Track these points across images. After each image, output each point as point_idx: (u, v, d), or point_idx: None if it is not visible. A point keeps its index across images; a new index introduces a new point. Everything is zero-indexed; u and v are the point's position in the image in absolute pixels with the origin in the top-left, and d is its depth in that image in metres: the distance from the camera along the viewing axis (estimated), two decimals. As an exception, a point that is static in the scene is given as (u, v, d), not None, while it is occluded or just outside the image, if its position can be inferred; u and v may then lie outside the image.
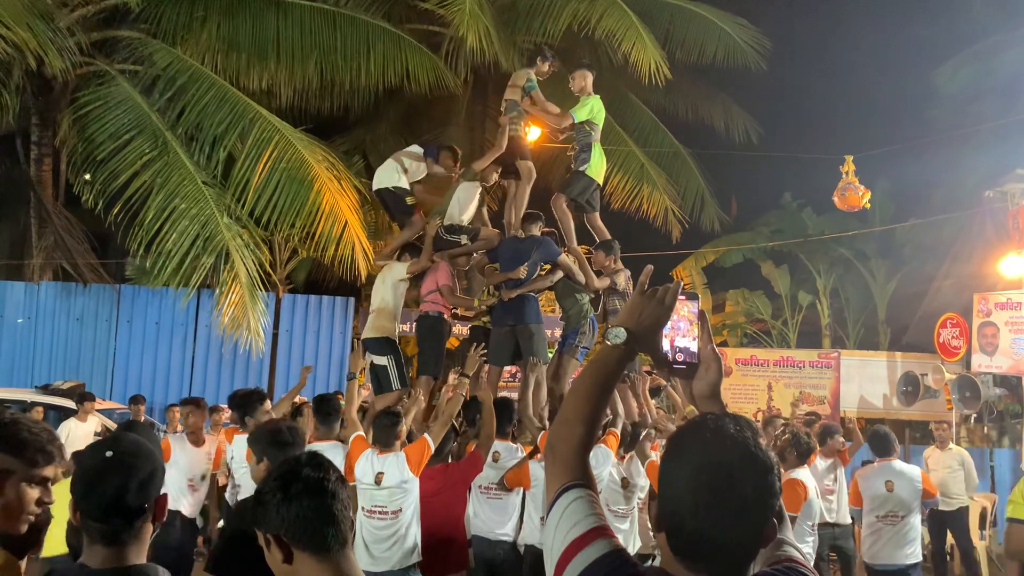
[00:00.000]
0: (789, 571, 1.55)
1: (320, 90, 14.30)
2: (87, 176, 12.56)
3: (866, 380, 14.69)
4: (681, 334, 1.77)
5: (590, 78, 7.91)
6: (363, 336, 7.29)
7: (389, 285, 7.27)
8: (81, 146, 12.44)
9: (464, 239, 7.49)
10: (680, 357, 1.77)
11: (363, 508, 5.15)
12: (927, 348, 14.44)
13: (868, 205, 13.64)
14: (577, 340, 7.43)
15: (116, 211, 11.56)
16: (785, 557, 1.59)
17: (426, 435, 5.37)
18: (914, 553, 6.62)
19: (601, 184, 8.11)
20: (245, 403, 5.68)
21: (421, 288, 7.49)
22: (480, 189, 7.79)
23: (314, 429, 5.94)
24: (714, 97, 17.70)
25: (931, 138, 16.16)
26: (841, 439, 7.82)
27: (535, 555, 5.88)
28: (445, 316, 7.32)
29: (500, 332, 7.22)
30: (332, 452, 5.42)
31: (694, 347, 1.78)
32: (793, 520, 5.72)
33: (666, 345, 1.77)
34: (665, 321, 1.74)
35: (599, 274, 7.48)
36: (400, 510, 5.13)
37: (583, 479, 1.64)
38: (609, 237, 7.84)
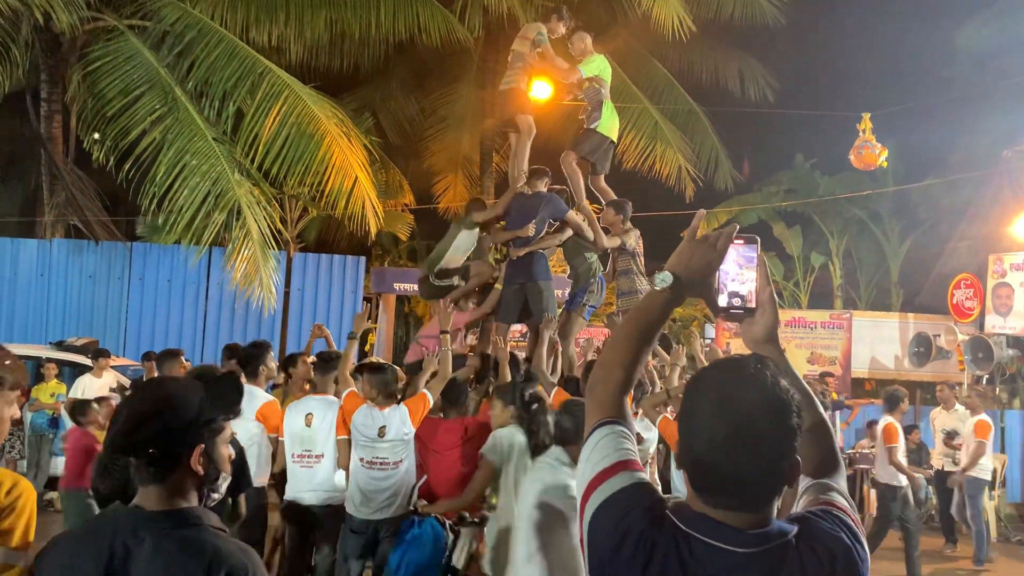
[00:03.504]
0: (825, 514, 1.54)
1: (329, 46, 14.14)
2: (95, 135, 12.52)
3: (878, 341, 14.66)
4: (737, 279, 1.75)
5: (588, 39, 7.84)
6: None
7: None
8: (91, 102, 12.38)
9: (456, 280, 7.45)
10: (736, 302, 1.75)
11: (362, 460, 5.27)
12: (940, 309, 14.38)
13: (885, 164, 13.47)
14: (585, 299, 7.40)
15: (127, 168, 11.53)
16: (825, 500, 1.58)
17: (425, 390, 5.48)
18: None
19: (615, 142, 8.02)
20: (256, 353, 5.72)
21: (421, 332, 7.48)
22: (478, 235, 7.69)
23: (312, 384, 6.02)
24: (730, 54, 17.41)
25: (949, 97, 15.92)
26: None
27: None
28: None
29: (510, 290, 7.19)
30: (326, 406, 5.57)
31: (749, 292, 1.75)
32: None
33: (722, 290, 1.74)
34: (716, 266, 1.71)
35: (607, 232, 7.41)
36: (401, 461, 5.27)
37: (618, 417, 1.67)
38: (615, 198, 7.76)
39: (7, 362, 2.33)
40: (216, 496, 2.01)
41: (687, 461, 1.51)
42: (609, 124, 7.71)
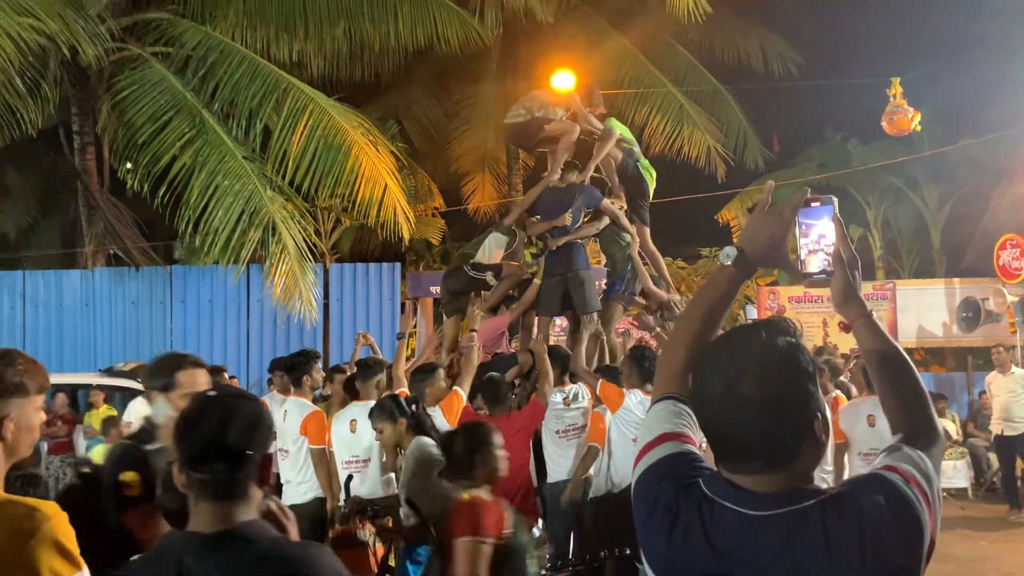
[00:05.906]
0: (872, 477, 1.48)
1: (350, 57, 14.22)
2: (128, 164, 12.71)
3: (924, 309, 14.37)
4: (812, 247, 1.72)
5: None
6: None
7: None
8: (121, 132, 12.57)
9: (489, 276, 7.45)
10: (815, 268, 1.72)
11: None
12: (986, 272, 14.07)
13: (918, 128, 13.21)
14: (623, 286, 7.39)
15: (161, 193, 11.69)
16: (888, 465, 1.50)
17: (456, 388, 5.52)
18: None
19: (648, 195, 7.94)
20: (300, 362, 5.74)
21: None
22: (508, 239, 7.73)
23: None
24: (751, 30, 17.26)
25: (980, 54, 15.57)
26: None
27: (600, 503, 5.90)
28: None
29: (550, 282, 7.17)
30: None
31: (806, 257, 1.73)
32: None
33: (802, 257, 1.72)
34: (782, 235, 1.69)
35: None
36: None
37: (679, 394, 1.70)
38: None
39: (20, 366, 2.07)
40: None
41: (701, 428, 1.57)
42: (647, 169, 7.75)
